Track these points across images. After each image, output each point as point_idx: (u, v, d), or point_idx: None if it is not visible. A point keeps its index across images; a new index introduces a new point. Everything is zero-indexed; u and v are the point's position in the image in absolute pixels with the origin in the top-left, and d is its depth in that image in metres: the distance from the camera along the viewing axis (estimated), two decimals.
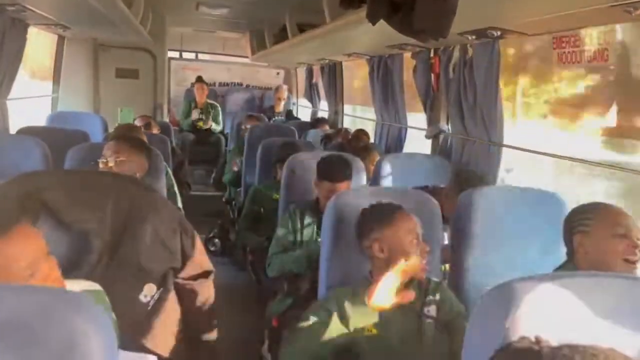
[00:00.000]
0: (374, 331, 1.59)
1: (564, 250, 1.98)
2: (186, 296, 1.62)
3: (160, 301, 1.52)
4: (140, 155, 2.11)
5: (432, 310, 1.68)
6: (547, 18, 1.96)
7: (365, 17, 1.82)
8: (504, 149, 2.65)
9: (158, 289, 1.52)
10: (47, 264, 1.12)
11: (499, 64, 2.55)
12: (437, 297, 1.70)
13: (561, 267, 1.69)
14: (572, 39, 2.13)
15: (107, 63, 5.62)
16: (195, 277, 1.62)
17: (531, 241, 1.98)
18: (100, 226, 1.44)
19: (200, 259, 1.62)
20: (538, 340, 0.73)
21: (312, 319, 1.61)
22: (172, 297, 1.56)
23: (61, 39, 4.72)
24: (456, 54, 2.83)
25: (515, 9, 1.94)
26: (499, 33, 2.26)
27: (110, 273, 1.47)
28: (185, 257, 1.58)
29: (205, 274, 1.64)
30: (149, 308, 1.50)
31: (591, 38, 2.05)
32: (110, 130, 4.01)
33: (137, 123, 3.79)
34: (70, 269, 1.44)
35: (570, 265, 1.62)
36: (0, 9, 2.81)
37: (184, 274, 1.60)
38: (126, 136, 2.23)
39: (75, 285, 1.27)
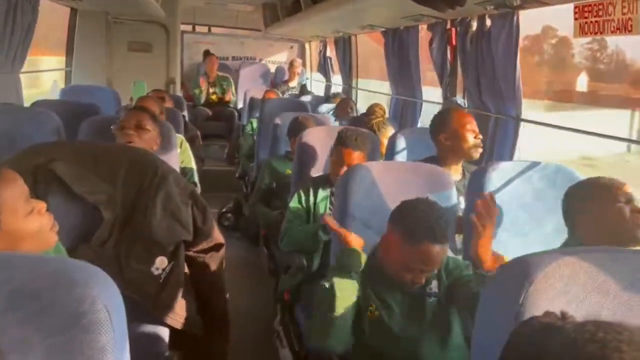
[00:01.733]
0: (377, 313, 1.57)
1: None
2: (198, 269, 1.63)
3: (172, 274, 1.52)
4: (157, 128, 2.09)
5: (433, 286, 1.63)
6: None
7: None
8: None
9: (170, 261, 1.52)
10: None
11: (517, 36, 2.48)
12: (435, 271, 1.64)
13: (566, 243, 1.67)
14: (595, 8, 2.05)
15: (120, 36, 5.59)
16: (206, 250, 1.62)
17: (546, 217, 1.94)
18: (112, 199, 1.44)
19: (212, 232, 1.61)
20: (564, 316, 0.70)
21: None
22: (183, 269, 1.56)
23: (74, 12, 4.70)
24: (474, 25, 2.74)
25: None
26: (518, 2, 2.18)
27: (121, 246, 1.47)
28: (197, 230, 1.58)
29: (216, 247, 1.64)
30: (161, 281, 1.51)
31: (615, 7, 1.96)
32: (124, 103, 4.02)
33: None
34: (81, 241, 1.45)
35: (574, 240, 1.62)
36: None
37: (196, 246, 1.60)
38: (145, 107, 2.20)
39: None
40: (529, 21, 2.55)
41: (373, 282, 1.59)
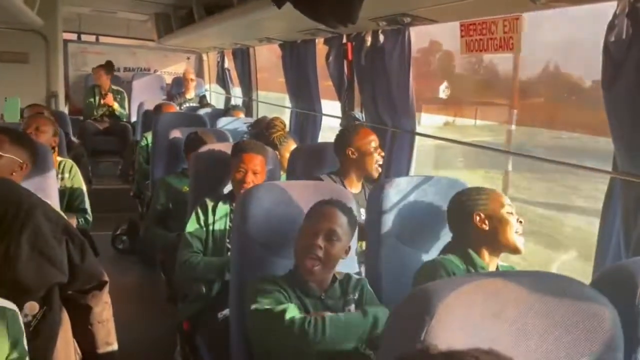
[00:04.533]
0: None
1: None
2: (78, 312, 1.45)
3: (44, 321, 1.33)
4: (17, 150, 1.89)
5: (352, 309, 1.65)
6: (455, 5, 1.95)
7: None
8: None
9: (41, 307, 1.33)
10: None
11: (410, 52, 2.54)
12: (356, 295, 1.68)
13: (448, 248, 1.77)
14: (479, 27, 2.15)
15: None
16: (87, 290, 1.44)
17: (443, 229, 1.98)
18: None
19: (92, 270, 1.44)
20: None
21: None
22: (60, 314, 1.38)
23: None
24: (368, 40, 2.78)
25: None
26: (409, 20, 2.23)
27: None
28: (74, 269, 1.40)
29: (99, 286, 1.46)
30: (31, 329, 1.32)
31: (497, 26, 2.07)
32: None
33: (26, 114, 3.42)
34: None
35: (459, 245, 1.73)
36: None
37: (74, 287, 1.42)
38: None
39: None
40: (423, 35, 2.65)
41: (292, 292, 1.63)
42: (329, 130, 3.77)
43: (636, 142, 1.47)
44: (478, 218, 1.69)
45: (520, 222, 1.70)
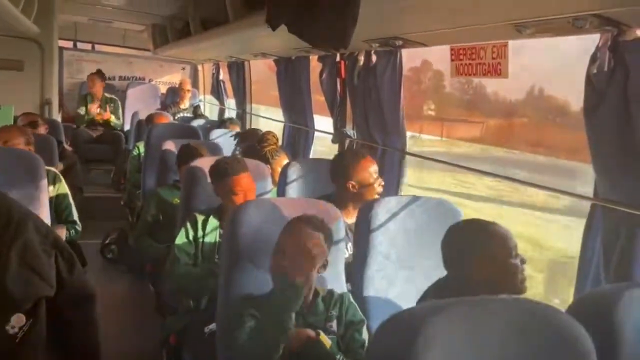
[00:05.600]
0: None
1: None
2: (64, 326, 1.45)
3: (30, 333, 1.33)
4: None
5: (334, 325, 1.66)
6: (445, 31, 2.00)
7: None
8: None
9: (28, 319, 1.33)
10: None
11: (401, 73, 2.59)
12: (338, 311, 1.69)
13: (446, 280, 1.65)
14: (468, 52, 2.20)
15: None
16: (74, 304, 1.44)
17: (429, 250, 2.01)
18: None
19: (80, 283, 1.44)
20: None
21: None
22: (44, 328, 1.38)
23: None
24: (361, 60, 2.83)
25: (416, 21, 1.97)
26: (400, 42, 2.28)
27: None
28: (62, 282, 1.40)
29: (85, 300, 1.47)
30: (17, 341, 1.32)
31: (486, 52, 2.12)
32: None
33: (20, 122, 3.43)
34: None
35: (454, 278, 1.59)
36: None
37: (60, 300, 1.42)
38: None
39: None
40: (415, 55, 2.70)
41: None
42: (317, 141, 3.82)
43: (615, 169, 1.51)
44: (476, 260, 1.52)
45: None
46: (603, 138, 1.52)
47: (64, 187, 2.70)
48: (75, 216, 2.70)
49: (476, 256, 1.51)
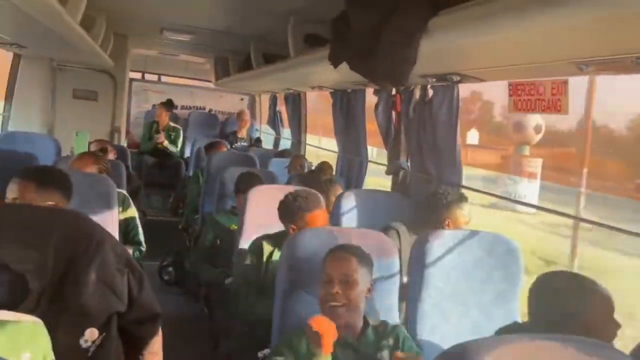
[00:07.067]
0: None
1: (517, 295, 2.01)
2: (131, 341, 1.54)
3: (102, 347, 1.42)
4: (51, 194, 1.83)
5: (385, 355, 1.67)
6: (504, 68, 2.02)
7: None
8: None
9: (100, 334, 1.43)
10: None
11: (458, 107, 2.61)
12: (391, 341, 1.70)
13: (520, 328, 1.65)
14: (527, 87, 2.20)
15: (65, 83, 5.45)
16: (141, 321, 1.53)
17: (485, 285, 1.99)
18: (40, 268, 1.35)
19: (148, 302, 1.54)
20: None
21: None
22: (116, 342, 1.47)
23: (17, 56, 4.57)
24: (417, 93, 2.87)
25: (474, 57, 2.00)
26: (458, 78, 2.31)
27: (49, 317, 1.37)
28: (132, 300, 1.50)
29: (152, 318, 1.55)
30: (89, 354, 1.41)
31: (545, 88, 2.11)
32: (64, 153, 3.87)
33: (93, 148, 3.67)
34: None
35: (537, 325, 1.56)
36: None
37: (130, 317, 1.51)
38: (35, 172, 1.90)
39: (11, 317, 1.21)
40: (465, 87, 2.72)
41: None
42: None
43: None
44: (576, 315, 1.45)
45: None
46: None
47: (132, 210, 2.82)
48: (142, 237, 2.82)
49: (571, 314, 1.46)
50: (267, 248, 2.31)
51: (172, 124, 6.10)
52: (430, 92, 2.76)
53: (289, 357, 1.62)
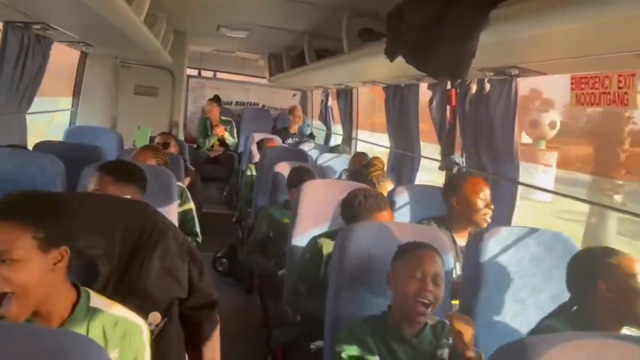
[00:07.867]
0: None
1: None
2: (191, 326, 1.61)
3: (164, 330, 1.50)
4: (128, 187, 1.92)
5: (444, 353, 1.66)
6: (567, 59, 1.95)
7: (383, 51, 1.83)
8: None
9: (163, 318, 1.50)
10: None
11: (516, 101, 2.54)
12: (450, 340, 1.68)
13: (563, 308, 1.68)
14: (591, 81, 2.11)
15: (127, 80, 5.72)
16: (200, 307, 1.60)
17: (543, 284, 1.94)
18: (109, 253, 1.43)
19: (207, 289, 1.60)
20: None
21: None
22: (176, 327, 1.54)
23: (83, 55, 4.82)
24: (473, 88, 2.82)
25: (535, 50, 1.94)
26: (517, 72, 2.25)
27: (117, 299, 1.45)
28: (192, 287, 1.57)
29: (210, 305, 1.62)
30: (153, 337, 1.49)
31: (611, 81, 2.02)
32: (126, 146, 4.06)
33: (157, 140, 3.82)
34: None
35: (578, 311, 1.63)
36: (26, 27, 2.86)
37: (190, 303, 1.58)
38: (114, 167, 1.99)
39: (117, 311, 1.28)
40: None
41: (383, 336, 1.65)
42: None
43: None
44: (604, 287, 1.58)
45: None
46: None
47: (190, 202, 2.92)
48: (198, 229, 2.92)
49: (600, 281, 1.57)
50: (326, 247, 2.27)
51: (223, 117, 6.26)
52: (487, 87, 2.70)
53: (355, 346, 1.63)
